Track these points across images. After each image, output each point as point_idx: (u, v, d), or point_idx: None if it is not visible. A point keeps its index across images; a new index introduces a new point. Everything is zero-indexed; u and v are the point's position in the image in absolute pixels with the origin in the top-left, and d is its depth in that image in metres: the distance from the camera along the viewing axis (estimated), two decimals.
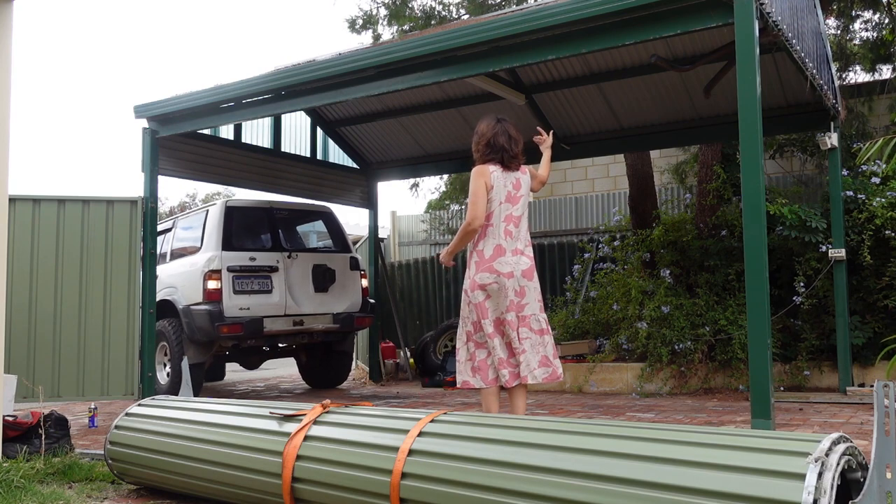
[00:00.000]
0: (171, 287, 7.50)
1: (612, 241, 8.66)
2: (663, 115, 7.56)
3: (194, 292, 7.20)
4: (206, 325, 7.03)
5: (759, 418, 3.80)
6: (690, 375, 6.95)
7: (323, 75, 5.54)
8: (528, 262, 4.18)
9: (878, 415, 2.08)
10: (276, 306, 7.41)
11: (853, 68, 9.98)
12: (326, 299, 7.80)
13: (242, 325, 7.06)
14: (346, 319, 7.81)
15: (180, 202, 28.43)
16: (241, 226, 7.57)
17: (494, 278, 4.08)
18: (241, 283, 7.25)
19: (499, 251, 4.12)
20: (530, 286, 4.16)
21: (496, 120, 4.30)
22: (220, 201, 7.65)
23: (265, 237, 7.79)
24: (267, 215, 7.81)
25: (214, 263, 7.14)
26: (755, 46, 3.99)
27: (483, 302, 4.11)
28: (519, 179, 4.24)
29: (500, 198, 4.15)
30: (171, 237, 8.15)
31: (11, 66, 4.25)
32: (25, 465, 3.94)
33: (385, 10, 10.27)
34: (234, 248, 7.32)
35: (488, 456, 2.45)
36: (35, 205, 6.01)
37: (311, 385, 8.92)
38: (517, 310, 4.11)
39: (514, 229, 4.17)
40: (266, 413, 3.22)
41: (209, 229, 7.42)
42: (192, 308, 7.18)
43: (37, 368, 5.83)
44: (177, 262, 7.77)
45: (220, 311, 7.03)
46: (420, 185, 14.09)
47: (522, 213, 4.23)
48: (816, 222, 6.60)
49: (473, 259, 4.19)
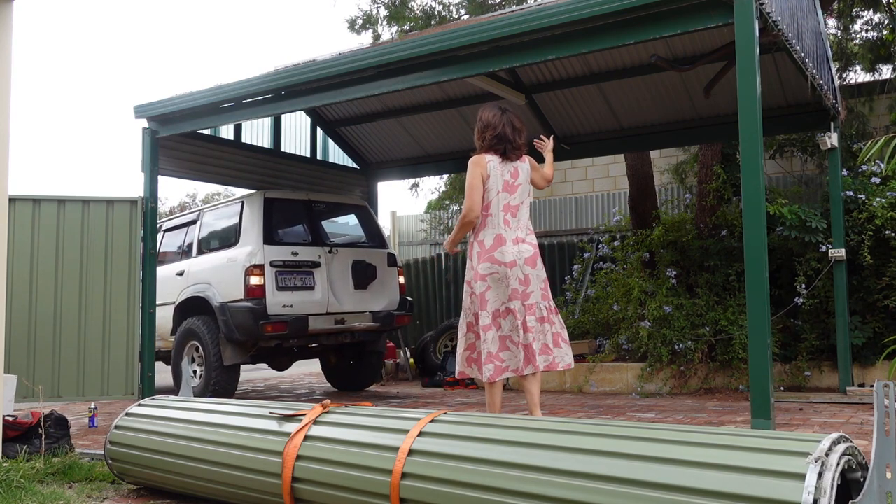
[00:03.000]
0: (204, 283, 7.08)
1: (612, 241, 8.67)
2: (663, 115, 7.56)
3: (233, 288, 6.76)
4: (248, 324, 6.58)
5: (759, 418, 3.80)
6: (690, 375, 6.95)
7: (323, 75, 5.54)
8: (531, 250, 4.18)
9: (878, 415, 2.08)
10: (318, 304, 7.01)
11: (853, 68, 9.99)
12: (366, 297, 7.41)
13: (287, 324, 6.66)
14: (387, 318, 7.44)
15: (180, 202, 28.44)
16: (280, 219, 7.16)
17: (496, 268, 4.08)
18: (284, 279, 6.83)
19: (499, 241, 4.12)
20: (534, 274, 4.15)
21: (501, 110, 4.30)
22: (256, 192, 7.19)
23: (305, 231, 7.35)
24: (305, 208, 7.41)
25: (256, 258, 6.71)
26: (755, 46, 3.99)
27: (485, 292, 4.10)
28: (517, 168, 4.23)
29: (497, 187, 4.15)
30: (198, 230, 7.67)
31: (11, 66, 4.25)
32: (25, 465, 3.94)
33: (385, 11, 10.27)
34: (275, 242, 6.90)
35: (488, 456, 2.45)
36: (35, 205, 6.01)
37: (338, 387, 8.42)
38: (522, 298, 4.10)
39: (512, 219, 4.16)
40: (266, 413, 3.22)
41: (247, 222, 6.98)
42: (230, 305, 6.72)
43: (37, 368, 5.83)
44: (208, 256, 7.31)
45: (264, 309, 6.61)
46: (420, 185, 14.10)
47: (521, 202, 4.22)
48: (816, 222, 6.60)
49: (475, 250, 4.19)
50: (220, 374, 6.77)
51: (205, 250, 7.45)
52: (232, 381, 6.90)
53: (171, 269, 7.59)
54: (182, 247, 7.82)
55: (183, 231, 7.89)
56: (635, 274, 7.82)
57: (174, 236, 8.08)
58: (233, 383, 6.93)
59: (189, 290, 7.17)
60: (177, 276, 7.47)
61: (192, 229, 7.75)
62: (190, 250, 7.61)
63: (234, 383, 6.98)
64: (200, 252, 7.48)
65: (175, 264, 7.66)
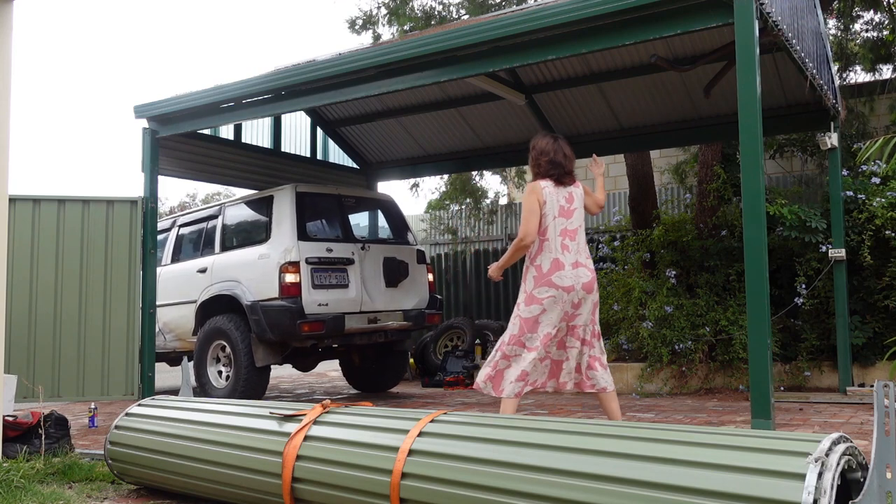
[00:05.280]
0: (232, 280, 6.77)
1: (612, 241, 8.66)
2: (663, 115, 7.56)
3: (266, 286, 6.46)
4: (283, 323, 6.31)
5: (759, 418, 3.80)
6: (691, 376, 6.95)
7: (323, 75, 5.54)
8: (590, 275, 4.21)
9: (878, 415, 2.08)
10: (352, 302, 6.75)
11: (853, 68, 9.98)
12: (397, 295, 7.15)
13: (324, 323, 6.40)
14: (418, 317, 7.20)
15: (180, 202, 28.42)
16: (312, 214, 6.90)
17: (553, 292, 4.10)
18: (320, 277, 6.54)
19: (557, 265, 4.14)
20: (588, 298, 4.20)
21: (553, 138, 4.40)
22: (286, 186, 6.89)
23: (336, 226, 7.09)
24: (336, 203, 7.14)
25: (292, 254, 6.41)
26: (755, 46, 3.99)
27: (537, 316, 4.12)
28: (572, 193, 4.30)
29: (553, 212, 4.20)
30: (219, 226, 7.32)
31: (11, 66, 4.25)
32: (25, 465, 3.94)
33: (385, 10, 10.26)
34: (308, 238, 6.62)
35: (488, 456, 2.45)
36: (35, 205, 6.01)
37: (361, 389, 8.10)
38: (568, 320, 4.16)
39: (570, 243, 4.21)
40: (266, 413, 3.22)
41: (279, 217, 6.68)
42: (263, 304, 6.43)
43: (37, 368, 5.83)
44: (235, 252, 6.99)
45: (300, 308, 6.33)
46: (420, 185, 14.08)
47: (578, 226, 4.27)
48: (816, 222, 6.60)
49: (531, 273, 4.21)
50: (250, 376, 6.53)
51: (230, 246, 7.13)
52: (262, 382, 6.68)
53: (191, 266, 7.32)
54: (202, 242, 7.49)
55: (201, 226, 7.56)
56: (635, 274, 7.82)
57: (191, 232, 7.77)
58: (263, 385, 6.70)
59: (214, 287, 6.89)
60: (198, 273, 7.17)
61: (214, 224, 7.41)
62: (212, 246, 7.29)
63: (265, 385, 6.76)
64: (225, 248, 7.15)
65: (195, 261, 7.36)
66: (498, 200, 14.04)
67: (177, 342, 7.47)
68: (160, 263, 7.64)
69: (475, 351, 8.49)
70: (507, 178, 12.42)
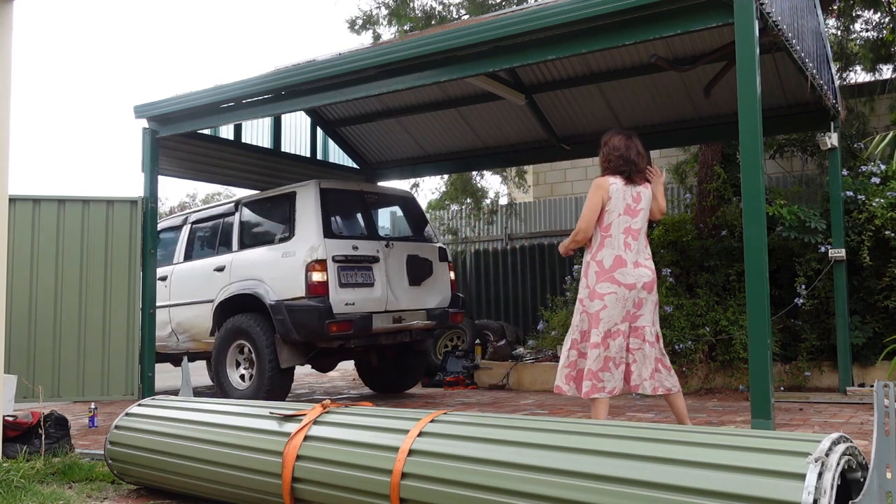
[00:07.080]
0: (254, 279, 6.59)
1: None
2: (663, 115, 7.56)
3: (292, 285, 6.29)
4: (311, 323, 6.13)
5: (759, 418, 3.80)
6: (691, 375, 6.95)
7: (323, 75, 5.54)
8: (650, 275, 4.19)
9: (878, 415, 2.08)
10: (378, 301, 6.60)
11: (853, 68, 9.97)
12: (420, 293, 6.98)
13: (352, 323, 6.23)
14: (442, 316, 7.05)
15: (180, 202, 28.43)
16: (336, 211, 6.72)
17: (615, 288, 4.09)
18: (346, 276, 6.39)
19: (619, 262, 4.12)
20: (649, 298, 4.18)
21: (627, 135, 4.34)
22: (309, 182, 6.69)
23: (360, 224, 6.95)
24: (360, 199, 7.00)
25: (319, 252, 6.23)
26: (755, 46, 3.99)
27: (600, 311, 4.10)
28: (640, 193, 4.26)
29: (618, 209, 4.17)
30: (236, 223, 7.11)
31: (11, 66, 4.25)
32: (25, 465, 3.94)
33: (385, 10, 10.26)
34: (334, 235, 6.45)
35: (488, 456, 2.45)
36: (35, 205, 6.01)
37: (378, 390, 7.90)
38: (631, 320, 4.14)
39: (633, 242, 4.18)
40: (266, 413, 3.22)
41: (302, 213, 6.51)
42: (289, 303, 6.25)
43: (37, 368, 5.83)
44: (255, 250, 6.79)
45: (328, 307, 6.15)
46: (420, 185, 14.08)
47: (642, 227, 4.24)
48: (816, 223, 6.60)
49: (592, 269, 4.19)
50: (275, 377, 6.35)
51: (249, 244, 6.94)
52: (287, 383, 6.53)
53: (207, 265, 7.15)
54: (217, 240, 7.32)
55: (216, 223, 7.37)
56: None
57: (205, 229, 7.57)
58: (287, 386, 6.57)
59: (234, 286, 6.72)
60: (215, 271, 6.99)
61: (231, 221, 7.20)
62: (229, 244, 7.10)
63: (288, 386, 6.62)
64: (243, 246, 6.96)
65: (211, 259, 7.17)
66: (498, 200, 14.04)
67: (191, 343, 7.33)
68: (172, 262, 7.59)
69: (475, 351, 8.49)
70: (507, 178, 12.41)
